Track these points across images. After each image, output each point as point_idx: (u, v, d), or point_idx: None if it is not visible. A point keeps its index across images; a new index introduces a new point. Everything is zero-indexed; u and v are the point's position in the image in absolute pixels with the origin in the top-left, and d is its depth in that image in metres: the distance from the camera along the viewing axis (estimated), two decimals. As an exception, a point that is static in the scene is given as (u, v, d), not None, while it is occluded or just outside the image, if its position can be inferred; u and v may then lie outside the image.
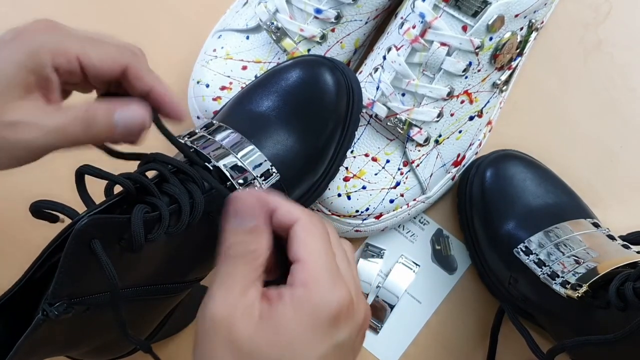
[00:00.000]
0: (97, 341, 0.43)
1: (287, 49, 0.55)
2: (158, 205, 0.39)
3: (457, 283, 0.58)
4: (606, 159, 0.60)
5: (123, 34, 0.64)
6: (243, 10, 0.58)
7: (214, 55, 0.57)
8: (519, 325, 0.52)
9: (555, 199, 0.54)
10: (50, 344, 0.38)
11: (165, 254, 0.42)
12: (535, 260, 0.50)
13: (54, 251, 0.37)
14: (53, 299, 0.35)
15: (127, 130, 0.38)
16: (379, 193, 0.55)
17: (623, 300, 0.44)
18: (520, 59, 0.56)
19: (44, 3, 0.64)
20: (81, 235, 0.35)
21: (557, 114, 0.61)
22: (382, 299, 0.57)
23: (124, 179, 0.39)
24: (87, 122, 0.37)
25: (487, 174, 0.56)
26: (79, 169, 0.39)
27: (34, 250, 0.38)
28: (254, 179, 0.45)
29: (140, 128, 0.39)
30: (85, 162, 0.39)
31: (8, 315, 0.37)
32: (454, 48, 0.51)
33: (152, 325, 0.48)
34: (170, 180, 0.41)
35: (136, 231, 0.37)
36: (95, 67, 0.38)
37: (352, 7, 0.54)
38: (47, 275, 0.37)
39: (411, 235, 0.59)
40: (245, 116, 0.49)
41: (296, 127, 0.49)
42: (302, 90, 0.49)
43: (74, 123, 0.37)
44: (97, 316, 0.39)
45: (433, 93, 0.52)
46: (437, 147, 0.55)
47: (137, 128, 0.39)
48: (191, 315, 0.57)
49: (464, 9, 0.50)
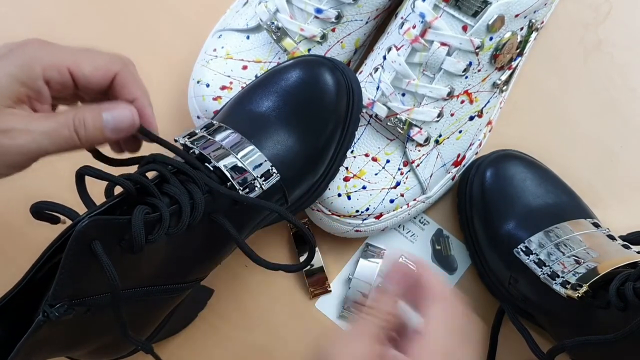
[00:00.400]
0: (97, 342, 0.43)
1: (287, 49, 0.55)
2: (158, 206, 0.39)
3: (457, 283, 0.58)
4: (606, 159, 0.60)
5: (123, 34, 0.65)
6: (243, 10, 0.58)
7: (214, 55, 0.57)
8: (519, 325, 0.52)
9: (555, 199, 0.54)
10: (50, 345, 0.38)
11: (166, 255, 0.42)
12: (536, 260, 0.50)
13: (54, 252, 0.37)
14: (54, 300, 0.35)
15: (117, 129, 0.40)
16: (379, 193, 0.55)
17: (623, 300, 0.44)
18: (520, 59, 0.56)
19: (44, 3, 0.64)
20: (82, 237, 0.35)
21: (557, 114, 0.61)
22: None
23: (124, 180, 0.39)
24: (76, 124, 0.38)
25: (487, 174, 0.56)
26: (79, 170, 0.39)
27: (34, 252, 0.38)
28: (254, 180, 0.45)
29: (129, 126, 0.40)
30: (85, 163, 0.40)
31: (9, 316, 0.37)
32: (454, 48, 0.51)
33: (153, 326, 0.48)
34: (171, 180, 0.41)
35: (137, 232, 0.37)
36: (86, 77, 0.39)
37: (352, 7, 0.54)
38: (48, 276, 0.37)
39: (411, 235, 0.59)
40: (245, 116, 0.49)
41: (296, 127, 0.49)
42: (302, 90, 0.49)
43: (63, 126, 0.38)
44: (98, 317, 0.40)
45: (433, 93, 0.52)
46: (437, 147, 0.55)
47: (127, 126, 0.40)
48: (191, 315, 0.57)
49: (464, 9, 0.50)
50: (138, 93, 0.41)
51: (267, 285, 0.59)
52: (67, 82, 0.39)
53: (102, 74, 0.40)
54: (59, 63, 0.39)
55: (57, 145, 0.38)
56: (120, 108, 0.40)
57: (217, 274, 0.53)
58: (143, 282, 0.42)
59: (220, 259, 0.48)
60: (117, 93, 0.41)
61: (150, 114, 0.42)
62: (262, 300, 0.58)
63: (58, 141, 0.38)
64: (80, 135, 0.38)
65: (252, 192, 0.44)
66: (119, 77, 0.41)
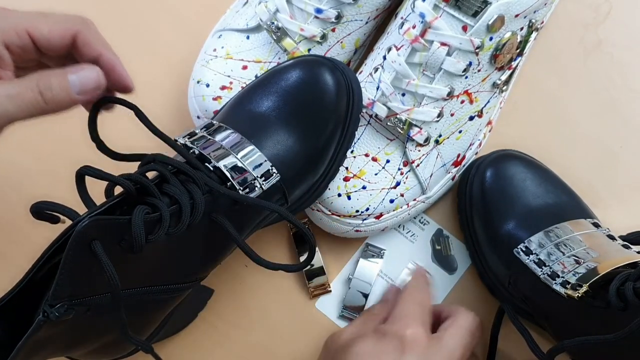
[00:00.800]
0: (98, 342, 0.43)
1: (287, 49, 0.55)
2: (158, 206, 0.39)
3: (457, 283, 0.58)
4: (606, 159, 0.60)
5: (123, 34, 0.65)
6: (243, 10, 0.58)
7: (214, 55, 0.57)
8: (519, 325, 0.52)
9: (555, 199, 0.54)
10: (51, 345, 0.38)
11: (166, 255, 0.42)
12: (536, 260, 0.50)
13: (54, 252, 0.37)
14: (54, 300, 0.35)
15: (84, 90, 0.39)
16: (379, 193, 0.55)
17: (623, 300, 0.44)
18: (520, 59, 0.56)
19: (43, 3, 0.64)
20: (82, 237, 0.35)
21: (557, 114, 0.61)
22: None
23: (124, 180, 0.39)
24: (42, 87, 0.38)
25: (487, 174, 0.56)
26: (79, 170, 0.39)
27: (34, 252, 0.38)
28: (254, 180, 0.45)
29: (95, 86, 0.40)
30: (85, 163, 0.39)
31: (9, 317, 0.37)
32: (454, 48, 0.51)
33: (153, 326, 0.48)
34: (171, 180, 0.41)
35: (137, 232, 0.37)
36: (45, 37, 0.39)
37: (352, 7, 0.54)
38: (48, 276, 0.37)
39: (411, 235, 0.59)
40: (245, 116, 0.49)
41: (296, 127, 0.49)
42: (302, 91, 0.49)
43: (27, 89, 0.37)
44: (98, 317, 0.40)
45: (433, 93, 0.52)
46: (437, 147, 0.55)
47: (93, 87, 0.40)
48: (191, 315, 0.57)
49: (464, 9, 0.50)
50: (101, 49, 0.41)
51: (267, 286, 0.59)
52: (28, 46, 0.39)
53: (61, 33, 0.40)
54: (17, 26, 0.38)
55: (23, 110, 0.37)
56: (86, 69, 0.39)
57: (217, 274, 0.53)
58: (143, 282, 0.42)
59: (220, 259, 0.48)
60: (80, 52, 0.40)
61: (120, 66, 0.41)
62: (262, 300, 0.58)
63: (23, 105, 0.37)
64: (47, 97, 0.38)
65: (252, 192, 0.44)
66: (80, 36, 0.40)
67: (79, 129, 0.43)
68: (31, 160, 0.60)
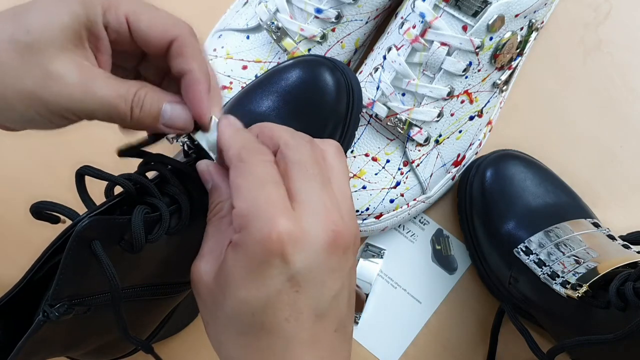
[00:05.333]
0: (97, 342, 0.43)
1: (287, 49, 0.55)
2: (158, 206, 0.39)
3: (457, 283, 0.58)
4: (606, 159, 0.60)
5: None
6: (243, 10, 0.58)
7: (214, 54, 0.57)
8: (519, 325, 0.52)
9: (555, 199, 0.54)
10: (51, 344, 0.38)
11: (166, 255, 0.42)
12: (536, 260, 0.50)
13: (54, 252, 0.37)
14: (54, 300, 0.35)
15: (170, 124, 0.37)
16: (379, 193, 0.55)
17: (623, 300, 0.44)
18: (520, 59, 0.56)
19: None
20: (82, 237, 0.35)
21: (557, 114, 0.61)
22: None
23: (124, 180, 0.39)
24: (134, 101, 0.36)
25: (487, 174, 0.56)
26: (79, 170, 0.39)
27: (34, 251, 0.38)
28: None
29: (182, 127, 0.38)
30: (85, 163, 0.39)
31: (9, 317, 0.37)
32: (454, 48, 0.51)
33: (153, 326, 0.48)
34: (171, 180, 0.41)
35: (136, 232, 0.37)
36: (143, 32, 0.36)
37: (352, 6, 0.54)
38: (48, 276, 0.37)
39: (411, 235, 0.59)
40: (245, 116, 0.49)
41: (296, 127, 0.48)
42: (302, 90, 0.49)
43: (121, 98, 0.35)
44: (98, 317, 0.39)
45: (433, 93, 0.52)
46: (437, 147, 0.55)
47: (180, 126, 0.37)
48: (191, 315, 0.57)
49: (464, 8, 0.50)
50: (193, 65, 0.36)
51: (267, 285, 0.58)
52: (124, 32, 0.36)
53: (159, 34, 0.36)
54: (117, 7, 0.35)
55: (106, 116, 0.35)
56: (182, 105, 0.37)
57: (217, 273, 0.53)
58: (143, 281, 0.42)
59: (220, 258, 0.48)
60: (172, 61, 0.37)
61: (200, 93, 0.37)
62: (262, 300, 0.58)
63: (110, 112, 0.35)
64: (134, 114, 0.36)
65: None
66: (177, 43, 0.36)
67: (79, 129, 0.43)
68: (31, 160, 0.60)
